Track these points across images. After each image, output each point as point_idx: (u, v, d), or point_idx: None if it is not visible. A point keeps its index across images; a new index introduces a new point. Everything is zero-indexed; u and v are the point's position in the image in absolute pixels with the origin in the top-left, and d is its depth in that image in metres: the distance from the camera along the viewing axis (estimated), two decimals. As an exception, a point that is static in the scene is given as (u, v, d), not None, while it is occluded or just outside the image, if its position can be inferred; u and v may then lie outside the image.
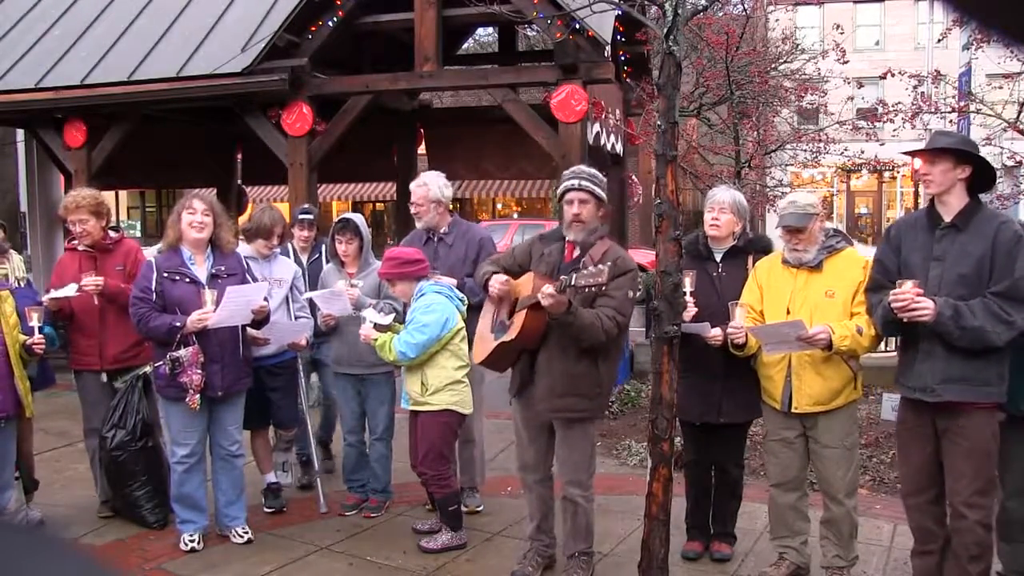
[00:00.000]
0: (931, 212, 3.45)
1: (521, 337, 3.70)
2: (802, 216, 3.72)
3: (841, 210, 29.46)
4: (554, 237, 3.95)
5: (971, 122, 9.25)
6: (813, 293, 3.73)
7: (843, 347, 3.56)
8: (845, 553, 3.81)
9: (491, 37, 17.66)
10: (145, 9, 8.89)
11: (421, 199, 4.90)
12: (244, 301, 4.25)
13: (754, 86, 10.27)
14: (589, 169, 3.95)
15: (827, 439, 3.76)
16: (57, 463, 5.88)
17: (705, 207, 4.15)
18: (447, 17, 7.57)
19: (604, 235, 3.89)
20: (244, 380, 4.47)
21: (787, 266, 3.82)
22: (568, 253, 3.87)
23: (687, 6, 3.45)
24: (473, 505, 4.87)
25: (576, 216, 3.80)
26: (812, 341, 3.54)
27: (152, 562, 4.28)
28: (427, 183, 4.92)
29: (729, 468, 4.23)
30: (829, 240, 3.80)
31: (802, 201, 3.79)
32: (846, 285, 3.68)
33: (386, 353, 4.27)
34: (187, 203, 4.35)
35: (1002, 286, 3.20)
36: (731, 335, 3.77)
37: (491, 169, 10.29)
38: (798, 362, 3.73)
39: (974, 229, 3.31)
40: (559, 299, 3.45)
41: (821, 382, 3.71)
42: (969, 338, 3.19)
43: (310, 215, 5.70)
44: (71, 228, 4.75)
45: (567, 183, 3.87)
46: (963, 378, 3.26)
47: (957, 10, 0.63)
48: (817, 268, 3.75)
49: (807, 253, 3.75)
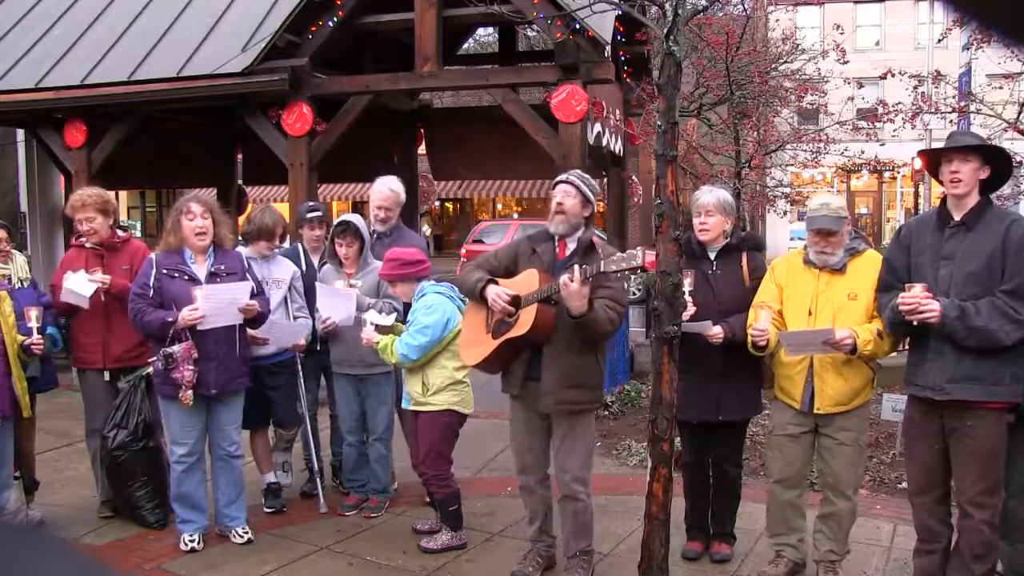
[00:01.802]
0: (941, 212, 3.46)
1: (532, 331, 3.68)
2: (836, 219, 3.71)
3: (841, 210, 29.41)
4: (542, 237, 3.94)
5: (971, 122, 9.24)
6: (836, 295, 3.73)
7: (866, 351, 3.58)
8: (839, 547, 3.85)
9: (491, 37, 17.65)
10: (145, 9, 8.90)
11: (393, 204, 5.09)
12: (228, 299, 4.23)
13: (754, 86, 10.25)
14: (584, 174, 3.97)
15: (844, 436, 3.78)
16: (57, 463, 5.87)
17: (692, 211, 4.16)
18: (447, 17, 7.57)
19: (593, 234, 3.90)
20: (240, 380, 4.45)
21: (809, 267, 3.81)
22: (560, 251, 3.87)
23: (687, 6, 3.45)
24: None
25: (559, 206, 3.81)
26: (838, 346, 3.56)
27: (152, 562, 4.28)
28: (396, 190, 5.11)
29: (728, 467, 4.24)
30: (851, 243, 3.80)
31: (835, 204, 3.80)
32: (868, 287, 3.68)
33: (388, 356, 4.27)
34: (185, 207, 4.32)
35: (1012, 284, 3.21)
36: (754, 337, 3.77)
37: (491, 169, 10.30)
38: (820, 364, 3.73)
39: (983, 227, 3.32)
40: (586, 286, 3.46)
41: (843, 383, 3.72)
42: (977, 338, 3.19)
43: (319, 212, 5.39)
44: (78, 227, 4.74)
45: (558, 178, 3.92)
46: (973, 377, 3.26)
47: (957, 10, 0.63)
48: (840, 270, 3.75)
49: (834, 256, 3.75)
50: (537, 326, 3.66)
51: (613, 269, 3.40)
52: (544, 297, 3.63)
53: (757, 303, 3.86)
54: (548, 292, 3.61)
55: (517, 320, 3.74)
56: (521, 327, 3.71)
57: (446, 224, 33.53)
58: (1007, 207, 8.86)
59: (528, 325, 3.67)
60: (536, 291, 3.66)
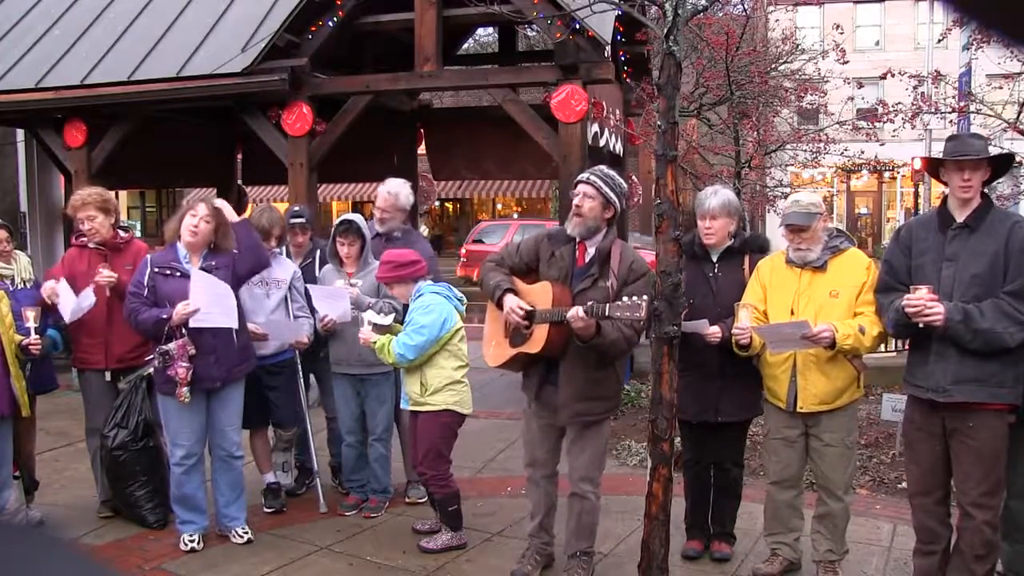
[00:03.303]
0: (942, 213, 3.45)
1: (544, 350, 3.71)
2: (805, 215, 3.73)
3: (841, 210, 29.45)
4: (562, 238, 3.88)
5: (971, 122, 9.24)
6: (817, 293, 3.73)
7: (846, 346, 3.58)
8: (837, 547, 3.86)
9: (491, 37, 17.65)
10: (145, 9, 8.89)
11: (390, 207, 5.08)
12: (221, 291, 4.22)
13: (754, 86, 10.25)
14: (610, 171, 3.88)
15: (829, 437, 3.78)
16: (57, 463, 5.87)
17: (696, 213, 4.15)
18: (447, 17, 7.57)
19: (615, 238, 3.85)
20: (241, 367, 4.44)
21: (791, 266, 3.83)
22: (580, 256, 3.82)
23: (687, 6, 3.45)
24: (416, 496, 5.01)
25: (577, 208, 3.76)
26: (816, 340, 3.56)
27: (152, 562, 4.28)
28: (398, 192, 5.10)
29: (727, 467, 4.23)
30: (833, 240, 3.81)
31: (805, 200, 3.82)
32: (850, 285, 3.69)
33: (385, 355, 4.27)
34: (194, 205, 4.37)
35: (1016, 285, 3.20)
36: (736, 336, 3.77)
37: (491, 169, 10.28)
38: (803, 362, 3.74)
39: (987, 229, 3.31)
40: (589, 323, 3.49)
41: (826, 382, 3.72)
42: (981, 340, 3.19)
43: (302, 218, 5.32)
44: (79, 226, 4.74)
45: (579, 176, 3.86)
46: (977, 379, 3.25)
47: (957, 10, 0.63)
48: (821, 268, 3.75)
49: (811, 252, 3.76)
50: (548, 347, 3.69)
51: (617, 315, 3.42)
52: (553, 319, 3.64)
53: (741, 303, 3.86)
54: (557, 316, 3.61)
55: (531, 335, 3.74)
56: (534, 345, 3.73)
57: (446, 224, 33.52)
58: (1007, 207, 8.87)
59: (540, 345, 3.69)
60: (548, 311, 3.67)
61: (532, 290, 3.80)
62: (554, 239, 3.90)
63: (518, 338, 3.81)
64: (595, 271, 3.73)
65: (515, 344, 3.83)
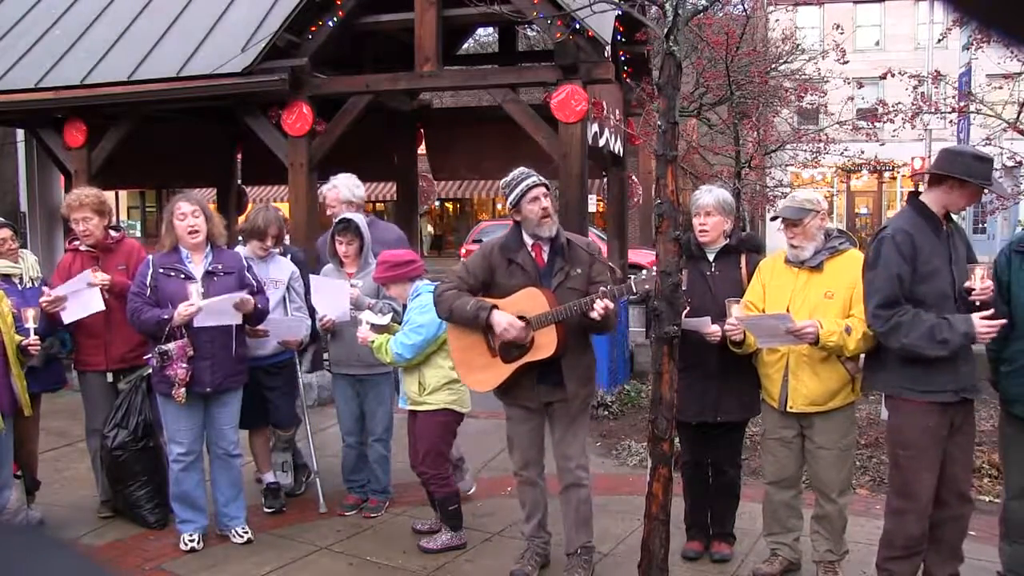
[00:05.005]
0: (928, 214, 3.45)
1: (559, 350, 3.73)
2: (796, 209, 3.75)
3: (841, 210, 29.47)
4: (513, 245, 3.87)
5: (971, 122, 9.24)
6: (813, 293, 3.74)
7: (830, 343, 3.58)
8: (836, 547, 3.86)
9: (491, 37, 17.64)
10: (145, 9, 8.89)
11: (333, 200, 5.15)
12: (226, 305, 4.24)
13: (754, 86, 10.26)
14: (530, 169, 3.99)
15: (822, 440, 3.77)
16: (57, 463, 5.87)
17: (692, 211, 4.16)
18: (447, 17, 7.57)
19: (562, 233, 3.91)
20: (235, 378, 4.44)
21: (789, 265, 3.83)
22: (538, 256, 3.85)
23: (687, 6, 3.45)
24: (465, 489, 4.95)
25: (545, 211, 3.80)
26: (800, 334, 3.57)
27: (152, 562, 4.28)
28: (337, 185, 5.18)
29: (726, 468, 4.23)
30: (832, 241, 3.80)
31: (799, 196, 3.87)
32: (845, 286, 3.69)
33: (383, 355, 4.27)
34: (175, 208, 4.34)
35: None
36: (728, 331, 3.79)
37: (491, 169, 10.26)
38: (795, 362, 3.75)
39: (955, 227, 3.53)
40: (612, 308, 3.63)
41: (817, 382, 3.72)
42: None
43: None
44: (73, 227, 4.74)
45: (527, 181, 3.84)
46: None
47: (957, 10, 0.63)
48: (818, 268, 3.76)
49: (804, 251, 3.76)
50: (561, 346, 3.72)
51: (644, 288, 3.60)
52: (562, 318, 3.66)
53: (732, 299, 3.87)
54: (568, 313, 3.65)
55: (533, 343, 3.74)
56: (544, 350, 3.72)
57: (446, 224, 33.52)
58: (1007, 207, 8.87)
59: (553, 347, 3.70)
60: (551, 312, 3.67)
61: (515, 300, 3.77)
62: (505, 248, 3.88)
63: (514, 351, 3.77)
64: (561, 263, 3.80)
65: (512, 358, 3.79)
